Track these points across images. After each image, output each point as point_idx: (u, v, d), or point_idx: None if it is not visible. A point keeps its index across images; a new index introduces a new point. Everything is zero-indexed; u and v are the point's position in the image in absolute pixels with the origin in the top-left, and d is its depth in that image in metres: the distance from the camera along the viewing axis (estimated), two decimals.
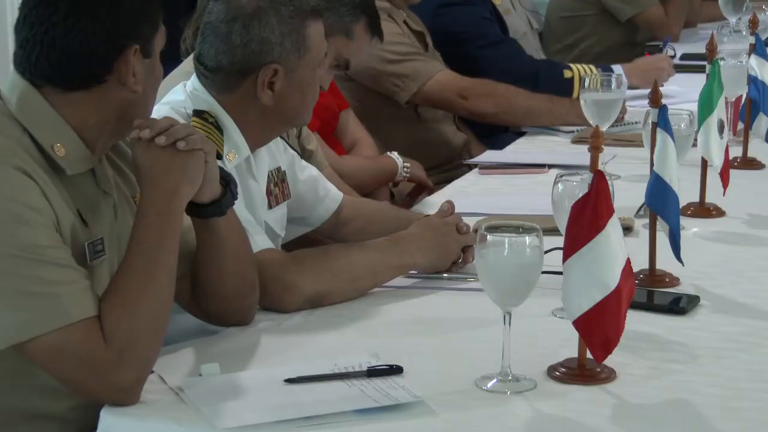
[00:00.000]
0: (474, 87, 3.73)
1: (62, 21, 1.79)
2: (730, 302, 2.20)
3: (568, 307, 1.78)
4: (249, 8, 2.22)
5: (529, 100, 3.71)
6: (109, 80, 1.83)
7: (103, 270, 1.86)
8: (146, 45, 1.86)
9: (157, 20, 1.88)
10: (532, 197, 2.82)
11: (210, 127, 2.22)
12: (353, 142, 3.48)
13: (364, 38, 2.90)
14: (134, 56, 1.83)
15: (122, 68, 1.83)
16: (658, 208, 2.21)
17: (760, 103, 3.03)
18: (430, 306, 2.21)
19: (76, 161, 1.83)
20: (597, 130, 1.78)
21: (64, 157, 1.81)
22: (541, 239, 1.78)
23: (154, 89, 1.92)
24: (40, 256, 1.72)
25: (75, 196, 1.83)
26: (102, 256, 1.86)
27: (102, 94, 1.84)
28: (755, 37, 3.11)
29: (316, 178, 2.57)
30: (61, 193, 1.80)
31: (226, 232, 1.98)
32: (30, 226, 1.72)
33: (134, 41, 1.83)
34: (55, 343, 1.72)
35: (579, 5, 5.09)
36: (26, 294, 1.71)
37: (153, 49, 1.88)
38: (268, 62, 2.22)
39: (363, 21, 2.87)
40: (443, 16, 3.95)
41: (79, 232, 1.81)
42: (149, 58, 1.87)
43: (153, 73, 1.89)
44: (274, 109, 2.26)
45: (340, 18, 2.82)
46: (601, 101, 3.02)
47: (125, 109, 1.86)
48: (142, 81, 1.85)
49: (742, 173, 3.04)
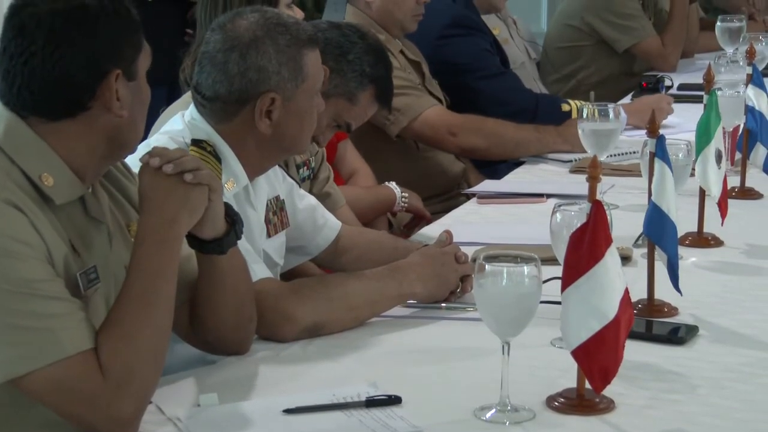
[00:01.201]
0: (463, 123, 3.75)
1: (41, 50, 1.78)
2: (728, 332, 2.19)
3: (567, 337, 1.78)
4: (246, 37, 2.22)
5: (518, 132, 3.73)
6: (93, 106, 1.82)
7: (97, 298, 1.85)
8: (129, 68, 1.84)
9: (139, 42, 1.86)
10: (530, 227, 2.82)
11: (208, 156, 2.22)
12: (351, 172, 3.49)
13: (369, 106, 2.86)
14: (117, 80, 1.82)
15: (105, 93, 1.81)
16: (657, 238, 2.21)
17: (758, 133, 3.04)
18: (429, 336, 2.21)
19: (64, 190, 1.82)
20: (595, 160, 1.78)
21: (53, 186, 1.80)
22: (539, 269, 1.78)
23: (141, 111, 1.90)
24: (33, 291, 1.71)
25: (66, 225, 1.82)
26: (96, 284, 1.85)
27: (88, 120, 1.82)
28: (752, 68, 3.12)
29: (314, 206, 2.57)
30: (52, 223, 1.79)
31: (227, 268, 1.98)
32: (22, 260, 1.71)
33: (116, 66, 1.81)
34: (52, 377, 1.71)
35: (576, 36, 5.11)
36: (20, 329, 1.70)
37: (137, 72, 1.86)
38: (266, 91, 2.22)
39: (370, 90, 2.83)
40: (444, 46, 3.97)
41: (72, 262, 1.80)
42: (133, 81, 1.85)
43: (139, 95, 1.88)
44: (272, 138, 2.26)
45: (346, 82, 2.80)
46: (598, 131, 3.03)
47: (113, 133, 1.85)
48: (128, 104, 1.84)
49: (740, 203, 3.05)
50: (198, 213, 1.86)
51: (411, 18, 3.76)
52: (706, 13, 6.24)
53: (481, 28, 4.09)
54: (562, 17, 5.22)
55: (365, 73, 2.81)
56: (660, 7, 5.45)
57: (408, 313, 2.29)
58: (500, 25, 4.63)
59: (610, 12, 5.05)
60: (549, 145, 3.71)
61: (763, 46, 4.38)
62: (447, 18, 3.99)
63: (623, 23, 5.04)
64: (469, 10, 4.11)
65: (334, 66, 2.76)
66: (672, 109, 4.01)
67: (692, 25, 5.38)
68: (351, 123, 2.85)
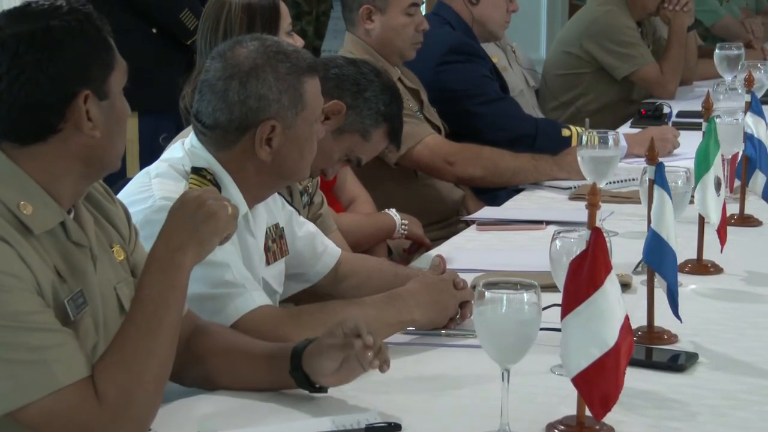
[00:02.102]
0: (460, 152, 3.76)
1: (5, 75, 1.77)
2: (728, 360, 2.19)
3: (567, 364, 1.78)
4: (246, 65, 2.23)
5: (515, 161, 3.74)
6: (64, 128, 1.80)
7: (87, 321, 1.84)
8: (100, 87, 1.82)
9: (110, 60, 1.84)
10: (529, 253, 2.82)
11: (208, 184, 2.22)
12: (351, 199, 3.49)
13: (380, 143, 2.90)
14: (87, 101, 1.80)
15: (75, 115, 1.80)
16: (656, 265, 2.22)
17: (757, 160, 3.04)
18: (429, 363, 2.20)
19: (43, 218, 1.80)
20: (594, 187, 1.79)
21: (31, 214, 1.78)
22: (539, 296, 1.79)
23: (118, 128, 1.88)
24: (24, 323, 1.70)
25: (50, 251, 1.81)
26: (84, 307, 1.83)
27: (60, 143, 1.81)
28: (751, 95, 3.13)
29: (314, 233, 2.57)
30: (36, 250, 1.77)
31: None
32: (11, 293, 1.70)
33: (84, 86, 1.80)
34: (47, 408, 1.70)
35: (575, 63, 5.13)
36: (13, 362, 1.70)
37: (109, 90, 1.84)
38: (266, 118, 2.23)
39: (383, 128, 2.87)
40: (444, 73, 3.98)
41: (59, 289, 1.79)
42: (106, 100, 1.83)
43: (113, 112, 1.85)
44: (272, 165, 2.27)
45: (361, 119, 2.82)
46: (598, 158, 3.03)
47: (89, 153, 1.83)
48: (101, 124, 1.82)
49: (739, 230, 3.05)
50: (208, 247, 1.85)
51: (410, 46, 3.78)
52: (704, 41, 6.26)
53: (480, 54, 4.11)
54: (561, 45, 5.23)
55: (380, 111, 2.85)
56: (658, 34, 5.47)
57: (407, 340, 2.29)
58: (499, 53, 4.65)
59: (608, 39, 5.07)
60: (546, 173, 3.72)
61: (762, 74, 4.40)
62: (446, 45, 4.01)
63: (622, 51, 5.06)
64: (468, 37, 4.12)
65: (351, 102, 2.79)
66: (678, 142, 4.01)
67: (690, 52, 5.40)
68: (361, 158, 2.88)
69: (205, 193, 1.89)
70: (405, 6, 3.75)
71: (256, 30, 3.11)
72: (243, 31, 3.05)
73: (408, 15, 3.75)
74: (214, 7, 3.12)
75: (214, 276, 2.16)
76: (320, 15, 7.57)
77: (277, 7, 3.12)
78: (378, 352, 1.93)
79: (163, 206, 2.18)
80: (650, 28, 5.43)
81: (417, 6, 3.79)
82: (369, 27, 3.74)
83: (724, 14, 6.57)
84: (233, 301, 2.16)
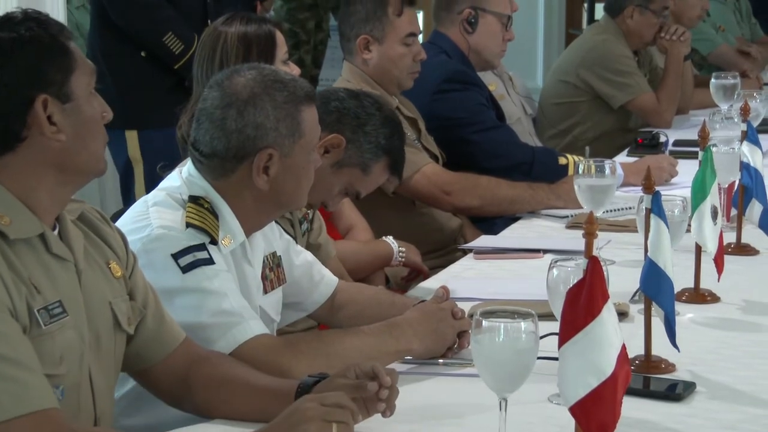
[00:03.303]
0: (458, 182, 3.76)
1: None
2: (726, 389, 2.19)
3: (564, 394, 1.77)
4: (244, 94, 2.24)
5: (511, 190, 3.74)
6: (29, 135, 1.82)
7: (67, 333, 1.84)
8: (60, 90, 1.83)
9: (68, 63, 1.85)
10: (527, 282, 2.82)
11: (205, 212, 2.22)
12: (349, 226, 3.49)
13: (380, 176, 2.89)
14: (48, 105, 1.81)
15: (36, 120, 1.81)
16: (653, 294, 2.21)
17: (753, 189, 3.05)
18: (426, 392, 2.20)
19: (20, 228, 1.81)
20: (591, 216, 1.79)
21: (8, 225, 1.80)
22: (536, 325, 1.78)
23: (88, 131, 1.87)
24: None
25: (25, 261, 1.81)
26: (62, 317, 1.84)
27: (29, 150, 1.83)
28: (747, 124, 3.13)
29: (311, 262, 2.57)
30: (10, 261, 1.78)
31: None
32: None
33: (39, 91, 1.82)
34: None
35: (572, 92, 5.14)
36: None
37: (71, 92, 1.85)
38: (264, 147, 2.23)
39: (384, 161, 2.86)
40: (440, 101, 3.99)
41: (30, 298, 1.79)
42: (69, 102, 1.84)
43: (80, 114, 1.86)
44: (269, 194, 2.27)
45: (361, 153, 2.82)
46: (594, 187, 3.04)
47: (60, 159, 1.84)
48: (67, 127, 1.83)
49: (736, 259, 3.05)
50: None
51: (408, 75, 3.78)
52: (700, 70, 6.28)
53: (476, 83, 4.12)
54: (558, 73, 5.25)
55: (380, 144, 2.84)
56: (654, 63, 5.49)
57: (405, 369, 2.29)
58: (497, 81, 4.66)
59: (605, 68, 5.08)
60: (543, 202, 3.72)
61: (758, 103, 4.40)
62: (442, 74, 4.02)
63: (618, 80, 5.07)
64: (464, 66, 4.14)
65: (351, 136, 2.79)
66: (675, 171, 4.01)
67: (687, 81, 5.42)
68: (361, 191, 2.88)
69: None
70: (402, 36, 3.76)
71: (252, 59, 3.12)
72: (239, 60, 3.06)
73: (405, 45, 3.76)
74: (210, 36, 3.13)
75: (211, 305, 2.16)
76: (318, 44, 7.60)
77: (273, 36, 3.13)
78: (390, 395, 1.92)
79: (161, 235, 2.18)
80: (646, 57, 5.45)
81: (414, 36, 3.79)
82: (366, 57, 3.75)
83: (721, 43, 6.60)
84: (230, 330, 2.16)
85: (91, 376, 1.91)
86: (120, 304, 1.97)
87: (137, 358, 2.05)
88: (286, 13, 7.47)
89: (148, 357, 2.06)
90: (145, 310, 2.04)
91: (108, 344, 1.94)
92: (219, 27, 3.15)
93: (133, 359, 2.05)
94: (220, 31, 3.09)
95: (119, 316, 1.96)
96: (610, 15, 5.21)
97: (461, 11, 4.15)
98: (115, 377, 2.02)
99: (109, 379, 1.98)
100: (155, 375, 2.07)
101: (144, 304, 2.05)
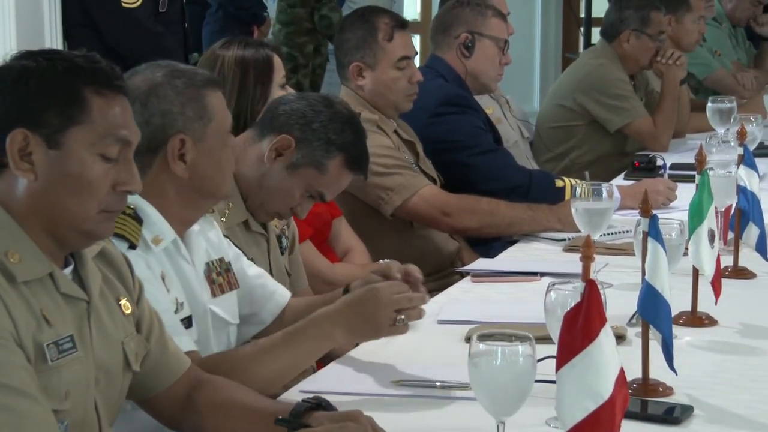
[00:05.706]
0: (457, 203, 3.76)
1: None
2: (724, 412, 2.19)
3: (562, 417, 1.77)
4: (144, 87, 2.28)
5: (511, 211, 3.74)
6: (5, 165, 1.80)
7: (74, 368, 1.83)
8: (51, 135, 1.79)
9: (74, 114, 1.80)
10: (524, 305, 2.82)
11: (125, 218, 2.21)
12: (346, 249, 3.49)
13: (340, 174, 2.82)
14: (29, 142, 1.78)
15: (9, 151, 1.78)
16: (651, 317, 2.21)
17: (750, 212, 3.05)
18: (423, 415, 2.19)
19: (29, 268, 1.79)
20: (588, 240, 1.79)
21: (17, 263, 1.78)
22: (533, 348, 1.78)
23: (67, 186, 1.81)
24: None
25: (38, 296, 1.80)
26: (72, 352, 1.82)
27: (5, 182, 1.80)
28: (743, 148, 3.14)
29: (263, 274, 2.61)
30: (22, 294, 1.76)
31: None
32: None
33: (22, 125, 1.78)
34: None
35: (568, 116, 5.15)
36: None
37: (63, 142, 1.80)
38: (174, 133, 2.27)
39: (339, 158, 2.79)
40: (437, 124, 3.99)
41: (40, 332, 1.77)
42: (57, 150, 1.80)
43: (63, 167, 1.80)
44: (190, 182, 2.29)
45: (312, 151, 2.77)
46: (592, 210, 3.04)
47: (32, 201, 1.80)
48: (41, 171, 1.79)
49: (733, 282, 3.04)
50: None
51: (404, 98, 3.79)
52: (696, 94, 6.30)
53: (473, 106, 4.13)
54: (555, 97, 5.26)
55: (331, 140, 2.78)
56: (651, 87, 5.50)
57: (401, 392, 2.28)
58: (494, 105, 4.67)
59: (601, 93, 5.09)
60: (542, 224, 3.72)
61: (754, 127, 4.41)
62: (439, 97, 4.03)
63: (615, 104, 5.08)
64: (461, 89, 4.15)
65: (300, 136, 2.76)
66: (674, 195, 4.00)
67: (683, 105, 5.43)
68: (324, 192, 2.81)
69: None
70: (394, 60, 3.76)
71: (249, 82, 3.13)
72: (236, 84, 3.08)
73: (398, 69, 3.75)
74: (208, 60, 3.14)
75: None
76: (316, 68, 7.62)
77: (270, 61, 3.14)
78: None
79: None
80: (643, 81, 5.47)
81: (408, 59, 3.79)
82: (360, 83, 3.76)
83: (717, 67, 6.62)
84: None
85: (98, 411, 1.89)
86: (130, 343, 1.96)
87: (141, 388, 2.04)
88: (285, 36, 7.50)
89: (152, 386, 2.05)
90: (149, 344, 2.03)
91: (116, 382, 1.93)
92: (217, 51, 3.17)
93: (137, 389, 2.04)
94: (217, 55, 3.11)
95: (129, 355, 1.94)
96: (607, 39, 5.23)
97: (458, 35, 4.16)
98: (120, 410, 2.00)
99: (115, 413, 1.97)
100: (159, 402, 2.06)
101: (149, 333, 2.04)
